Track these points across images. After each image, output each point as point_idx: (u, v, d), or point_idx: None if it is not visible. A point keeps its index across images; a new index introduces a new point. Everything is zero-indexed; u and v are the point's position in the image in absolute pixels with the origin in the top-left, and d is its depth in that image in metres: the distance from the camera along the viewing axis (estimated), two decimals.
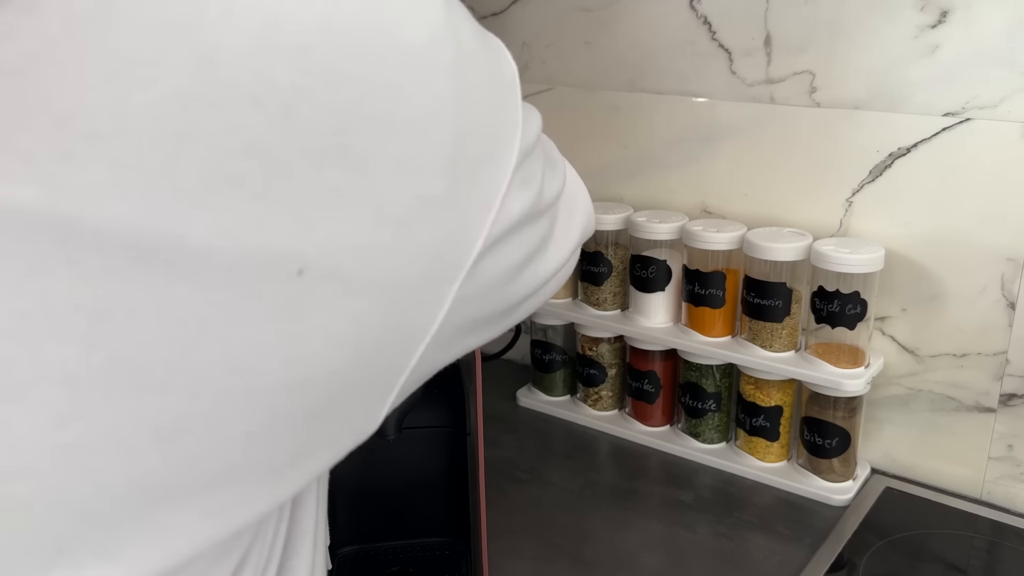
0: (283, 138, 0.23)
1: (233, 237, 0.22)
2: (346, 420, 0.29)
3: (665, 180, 1.02)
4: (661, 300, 0.96)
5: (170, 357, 0.22)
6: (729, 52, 0.93)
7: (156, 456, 0.23)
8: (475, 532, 0.73)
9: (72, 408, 0.21)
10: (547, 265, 0.36)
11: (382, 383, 0.29)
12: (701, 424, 0.97)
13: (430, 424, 0.74)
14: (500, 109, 0.30)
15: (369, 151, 0.25)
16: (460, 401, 0.69)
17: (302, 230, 0.24)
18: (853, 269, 0.83)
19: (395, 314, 0.27)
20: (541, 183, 0.33)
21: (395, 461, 0.75)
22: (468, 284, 0.29)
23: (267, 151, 0.23)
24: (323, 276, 0.24)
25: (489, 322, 0.34)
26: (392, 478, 0.76)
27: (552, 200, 0.34)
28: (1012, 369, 0.85)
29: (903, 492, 0.91)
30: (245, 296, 0.23)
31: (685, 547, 0.82)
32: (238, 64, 0.22)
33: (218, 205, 0.22)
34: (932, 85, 0.83)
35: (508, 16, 1.07)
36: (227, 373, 0.23)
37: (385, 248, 0.26)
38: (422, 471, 0.76)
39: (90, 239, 0.21)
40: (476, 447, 0.71)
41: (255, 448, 0.25)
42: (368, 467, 0.74)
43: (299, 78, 0.23)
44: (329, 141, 0.24)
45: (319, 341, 0.25)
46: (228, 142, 0.22)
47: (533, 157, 0.32)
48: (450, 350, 0.32)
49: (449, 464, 0.75)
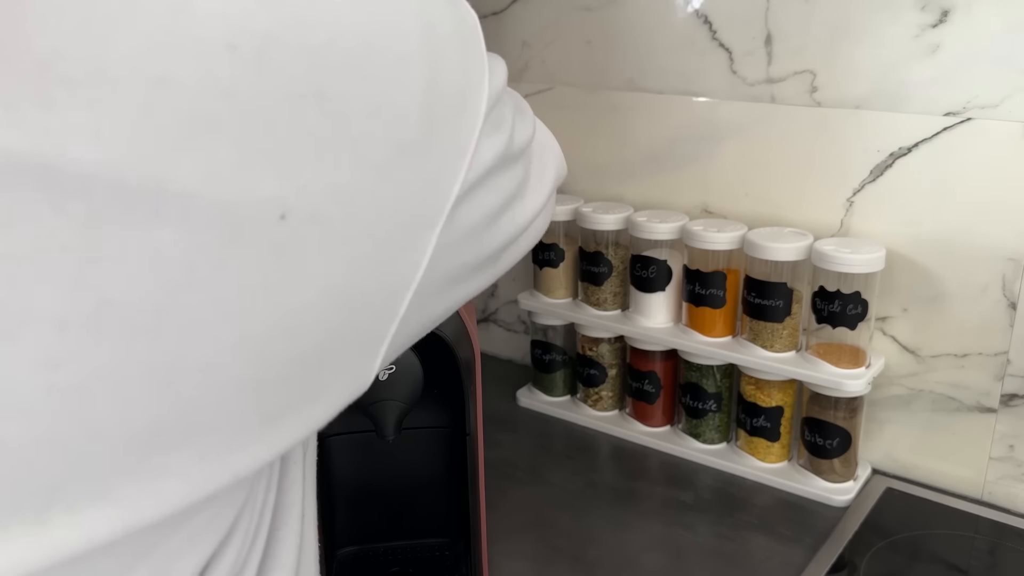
0: (259, 82, 0.23)
1: (214, 181, 0.23)
2: (340, 370, 0.29)
3: (665, 180, 1.02)
4: (661, 300, 0.96)
5: (159, 301, 0.23)
6: (729, 51, 0.93)
7: (149, 400, 0.23)
8: (475, 532, 0.72)
9: (63, 350, 0.22)
10: (525, 210, 0.37)
11: (373, 331, 0.30)
12: (702, 424, 0.96)
13: (430, 424, 0.73)
14: (466, 55, 0.31)
15: (344, 94, 0.25)
16: (460, 401, 0.68)
17: (282, 174, 0.24)
18: (854, 269, 0.83)
19: (380, 260, 0.28)
20: (512, 128, 0.34)
21: (395, 461, 0.74)
22: (449, 230, 0.30)
23: (243, 95, 0.23)
24: (306, 220, 0.25)
25: (475, 270, 0.35)
26: (392, 478, 0.75)
27: (524, 145, 0.36)
28: (1013, 369, 0.85)
29: (904, 492, 0.91)
30: (229, 240, 0.23)
31: (685, 548, 0.82)
32: (213, 10, 0.23)
33: (197, 150, 0.23)
34: (933, 85, 0.83)
35: (508, 16, 1.07)
36: (216, 318, 0.24)
37: (366, 192, 0.27)
38: (422, 471, 0.75)
39: (72, 184, 0.21)
40: (476, 447, 0.71)
41: (248, 395, 0.26)
42: (368, 467, 0.74)
43: (271, 23, 0.24)
44: (304, 84, 0.24)
45: (307, 286, 0.26)
46: (204, 87, 0.22)
47: (502, 103, 0.33)
48: (441, 300, 0.33)
49: (449, 464, 0.74)
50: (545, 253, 1.03)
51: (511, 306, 1.18)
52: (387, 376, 0.64)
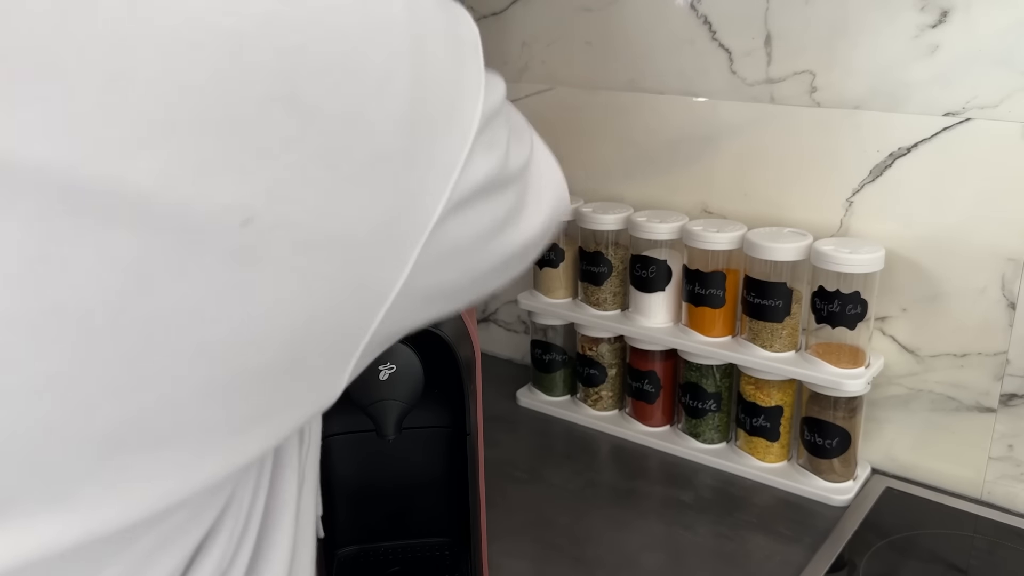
0: (224, 83, 0.22)
1: (172, 184, 0.22)
2: (308, 382, 0.28)
3: (665, 180, 1.02)
4: (661, 300, 0.96)
5: (113, 305, 0.22)
6: (729, 52, 0.93)
7: (109, 406, 0.23)
8: (475, 532, 0.73)
9: (12, 352, 0.21)
10: (515, 238, 0.35)
11: (343, 344, 0.29)
12: (701, 424, 0.97)
13: (430, 424, 0.73)
14: (460, 70, 0.30)
15: (316, 101, 0.24)
16: (460, 401, 0.69)
17: (246, 178, 0.23)
18: (853, 269, 0.83)
19: (353, 273, 0.27)
20: (507, 149, 0.32)
21: (395, 461, 0.74)
22: (431, 248, 0.29)
23: (207, 96, 0.22)
24: (271, 227, 0.24)
25: (455, 292, 0.33)
26: (392, 478, 0.75)
27: (518, 169, 0.34)
28: (1012, 369, 0.85)
29: (903, 492, 0.91)
30: (188, 246, 0.22)
31: (685, 547, 0.82)
32: (176, 6, 0.22)
33: (155, 151, 0.22)
34: (932, 85, 0.83)
35: (508, 16, 1.07)
36: (175, 325, 0.23)
37: (337, 202, 0.25)
38: (422, 471, 0.75)
39: (25, 181, 0.20)
40: (476, 447, 0.71)
41: (210, 404, 0.25)
42: (368, 467, 0.74)
43: (241, 22, 0.22)
44: (274, 88, 0.23)
45: (272, 296, 0.25)
46: (164, 86, 0.21)
47: (497, 123, 0.32)
48: (415, 316, 0.32)
49: (449, 464, 0.74)
50: (545, 253, 1.03)
51: (511, 306, 1.19)
52: (387, 376, 0.64)
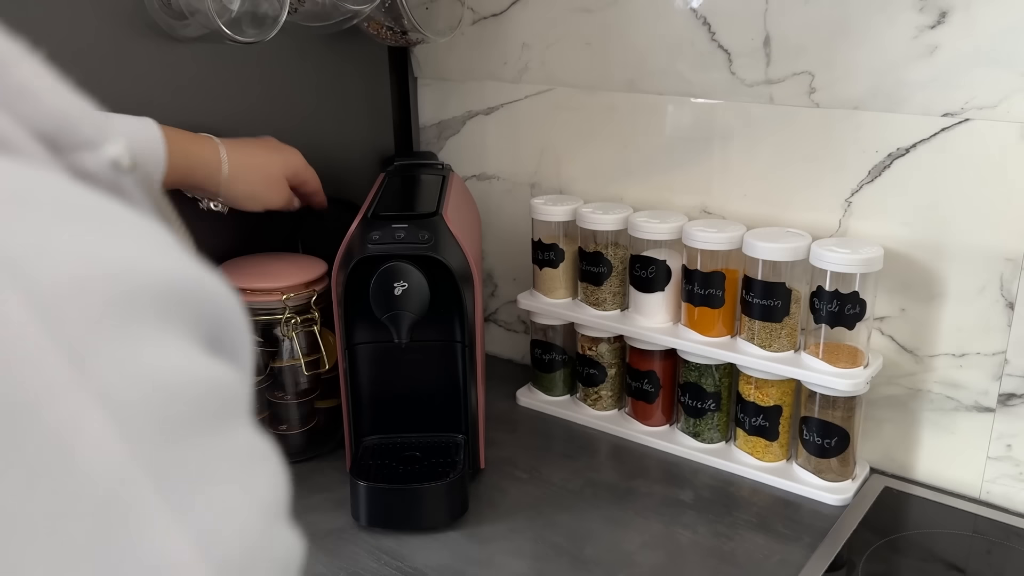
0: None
1: None
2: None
3: (665, 180, 1.02)
4: (661, 300, 0.96)
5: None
6: (729, 52, 0.94)
7: None
8: (473, 426, 0.90)
9: None
10: None
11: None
12: (701, 424, 0.97)
13: (437, 339, 0.89)
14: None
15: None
16: (460, 319, 0.86)
17: None
18: (852, 269, 0.83)
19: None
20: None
21: (409, 368, 0.91)
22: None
23: None
24: None
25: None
26: (406, 382, 0.92)
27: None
28: (1011, 369, 0.86)
29: (902, 492, 0.91)
30: None
31: (684, 547, 0.83)
32: None
33: None
34: (931, 85, 0.83)
35: (508, 17, 1.07)
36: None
37: None
38: (430, 377, 0.91)
39: None
40: (474, 356, 0.87)
41: None
42: (388, 373, 0.91)
43: None
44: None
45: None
46: None
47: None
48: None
49: (453, 372, 0.91)
50: (545, 253, 1.03)
51: (511, 306, 1.19)
52: (400, 291, 0.81)
